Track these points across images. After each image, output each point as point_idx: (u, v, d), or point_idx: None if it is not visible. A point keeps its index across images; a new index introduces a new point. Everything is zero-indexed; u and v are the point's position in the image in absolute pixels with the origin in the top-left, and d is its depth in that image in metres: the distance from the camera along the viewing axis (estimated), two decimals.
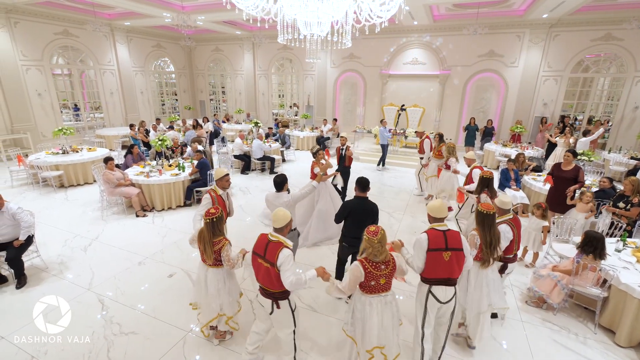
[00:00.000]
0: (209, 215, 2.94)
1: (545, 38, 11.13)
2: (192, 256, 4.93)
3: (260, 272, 2.70)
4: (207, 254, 3.00)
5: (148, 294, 4.03)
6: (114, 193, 6.11)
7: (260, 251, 2.68)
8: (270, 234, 2.71)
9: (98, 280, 4.27)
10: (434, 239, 2.69)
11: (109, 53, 13.19)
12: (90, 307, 3.77)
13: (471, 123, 11.46)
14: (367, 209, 3.62)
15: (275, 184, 3.85)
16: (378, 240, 2.50)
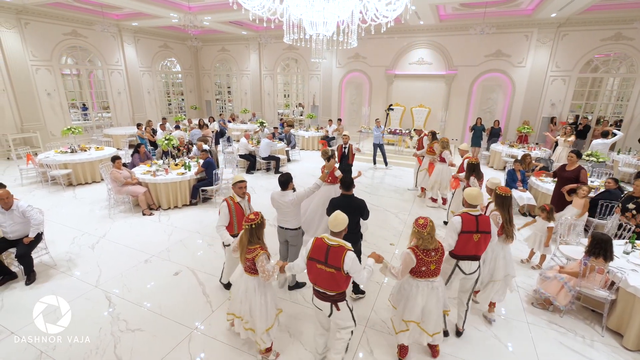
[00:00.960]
0: (248, 221, 2.83)
1: (553, 37, 11.00)
2: (198, 255, 4.97)
3: (321, 278, 2.67)
4: (241, 259, 2.92)
5: (154, 292, 4.07)
6: (121, 192, 6.18)
7: (320, 257, 2.63)
8: (328, 238, 2.67)
9: (105, 277, 4.32)
10: (467, 222, 3.09)
11: (117, 53, 13.34)
12: (98, 304, 3.82)
13: (477, 123, 11.37)
14: (353, 205, 3.69)
15: (280, 183, 3.86)
16: (427, 232, 2.77)
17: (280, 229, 3.95)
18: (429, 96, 12.97)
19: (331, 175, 5.37)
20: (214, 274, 4.45)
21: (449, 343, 3.38)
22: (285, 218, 3.86)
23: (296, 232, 3.91)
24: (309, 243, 2.76)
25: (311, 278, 2.76)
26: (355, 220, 3.72)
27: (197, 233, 5.66)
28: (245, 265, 2.90)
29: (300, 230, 3.96)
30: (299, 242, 4.00)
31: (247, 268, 2.90)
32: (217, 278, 4.37)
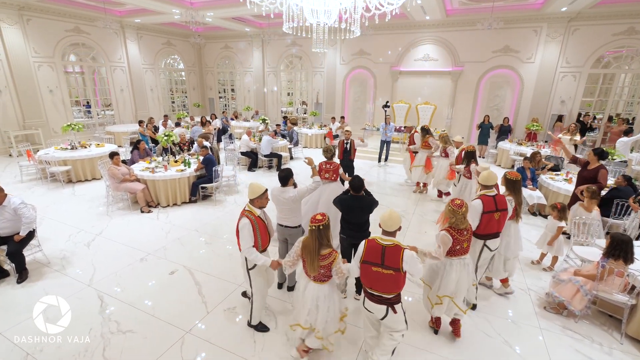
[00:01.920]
0: (315, 222, 2.59)
1: (563, 32, 10.69)
2: (195, 254, 4.82)
3: (378, 281, 2.53)
4: (311, 267, 2.64)
5: (148, 292, 3.92)
6: (119, 188, 6.05)
7: (375, 259, 2.51)
8: (381, 239, 2.55)
9: (99, 276, 4.19)
10: (487, 204, 3.39)
11: (120, 50, 13.26)
12: (90, 304, 3.68)
13: (485, 121, 11.11)
14: (364, 205, 3.60)
15: (280, 179, 3.68)
16: (462, 213, 2.94)
17: (280, 226, 3.78)
18: (435, 93, 12.72)
19: (335, 173, 5.20)
20: (210, 274, 4.30)
21: (457, 349, 3.18)
22: (285, 215, 3.69)
23: (296, 230, 3.73)
24: (361, 246, 2.61)
25: (366, 282, 2.60)
26: (366, 218, 3.63)
27: (196, 231, 5.51)
28: (318, 274, 2.65)
29: (301, 228, 3.79)
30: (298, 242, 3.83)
31: (319, 276, 2.66)
32: (214, 277, 4.22)
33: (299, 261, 2.82)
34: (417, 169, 7.55)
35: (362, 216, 3.59)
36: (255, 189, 3.09)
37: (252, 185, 3.12)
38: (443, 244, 2.98)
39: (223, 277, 4.23)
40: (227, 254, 4.82)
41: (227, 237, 5.33)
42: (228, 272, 4.34)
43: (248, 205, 3.12)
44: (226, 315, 3.56)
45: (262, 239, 3.07)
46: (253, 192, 3.08)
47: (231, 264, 4.56)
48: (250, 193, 3.08)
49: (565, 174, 6.74)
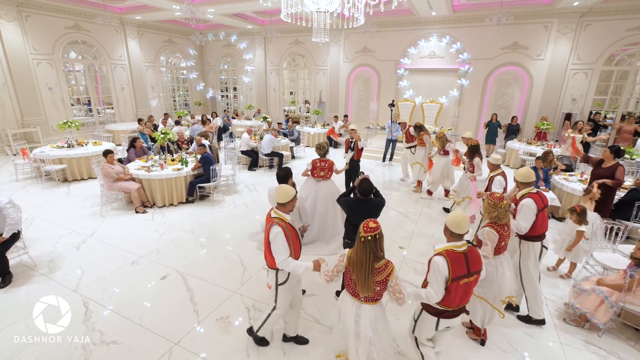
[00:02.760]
0: (369, 230, 2.19)
1: (575, 28, 10.32)
2: (189, 257, 4.57)
3: (467, 293, 2.32)
4: (365, 286, 2.20)
5: (137, 298, 3.68)
6: (113, 188, 5.83)
7: (462, 271, 2.24)
8: (455, 247, 2.29)
9: (86, 280, 3.95)
10: (539, 201, 3.25)
11: (120, 48, 13.09)
12: (74, 311, 3.44)
13: (492, 119, 10.79)
14: (374, 207, 3.34)
15: (279, 178, 3.43)
16: (504, 206, 2.83)
17: None
18: (441, 91, 12.38)
19: (330, 170, 4.96)
20: (204, 279, 4.05)
21: None
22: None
23: None
24: (441, 264, 2.22)
25: (452, 301, 2.28)
26: None
27: (191, 233, 5.27)
28: (373, 292, 2.24)
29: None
30: None
31: (374, 296, 2.26)
32: (208, 283, 3.97)
33: (337, 277, 2.44)
34: (415, 166, 7.45)
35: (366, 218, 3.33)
36: (286, 192, 2.67)
37: (281, 189, 2.71)
38: (490, 240, 2.83)
39: (217, 283, 3.98)
40: (222, 257, 4.57)
41: (224, 239, 5.08)
42: (222, 278, 4.09)
43: (275, 211, 2.69)
44: (218, 326, 3.31)
45: (294, 248, 2.67)
46: (284, 195, 2.65)
47: (226, 268, 4.31)
48: (281, 196, 2.65)
49: (580, 174, 6.41)
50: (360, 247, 2.20)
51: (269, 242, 2.60)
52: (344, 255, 2.35)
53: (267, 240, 2.63)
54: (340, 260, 2.35)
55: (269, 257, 2.67)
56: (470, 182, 5.59)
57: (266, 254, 2.71)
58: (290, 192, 2.70)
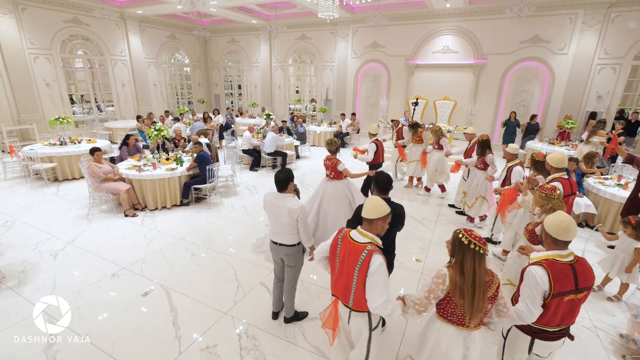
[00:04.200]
0: (475, 239, 1.76)
1: (602, 20, 9.57)
2: (176, 269, 4.04)
3: (573, 311, 1.95)
4: (477, 310, 1.78)
5: (112, 319, 3.16)
6: (100, 189, 5.35)
7: (568, 286, 1.86)
8: (560, 256, 1.91)
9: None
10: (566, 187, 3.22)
11: (121, 43, 12.69)
12: (36, 336, 2.93)
13: (511, 118, 10.10)
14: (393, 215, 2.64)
15: (278, 182, 2.85)
16: (558, 196, 2.61)
17: (274, 244, 2.95)
18: (455, 88, 11.70)
19: (333, 170, 4.42)
20: (191, 296, 3.51)
21: None
22: (280, 231, 2.87)
23: (294, 249, 2.91)
24: (540, 275, 1.85)
25: (548, 320, 1.92)
26: (394, 234, 2.75)
27: (182, 240, 4.74)
28: (483, 314, 1.83)
29: (301, 246, 2.96)
30: (298, 262, 3.00)
31: (482, 318, 1.85)
32: (195, 301, 3.43)
33: (430, 306, 1.93)
34: (412, 164, 7.19)
35: (390, 231, 2.55)
36: (377, 205, 2.00)
37: (373, 201, 2.02)
38: None
39: (206, 302, 3.43)
40: (215, 270, 4.03)
41: (218, 248, 4.54)
42: (213, 295, 3.55)
43: (361, 232, 2.03)
44: (203, 358, 2.76)
45: None
46: (375, 209, 1.99)
47: (218, 283, 3.77)
48: (371, 210, 1.99)
49: (617, 178, 5.72)
50: (473, 262, 1.74)
51: (365, 276, 1.92)
52: (443, 276, 1.83)
53: (360, 274, 1.94)
54: (439, 284, 1.83)
55: (361, 296, 1.96)
56: (486, 181, 5.14)
57: (358, 293, 1.97)
58: (384, 208, 2.01)
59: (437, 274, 1.86)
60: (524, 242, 2.86)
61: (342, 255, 2.04)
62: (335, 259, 2.10)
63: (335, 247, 2.11)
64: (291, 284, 3.03)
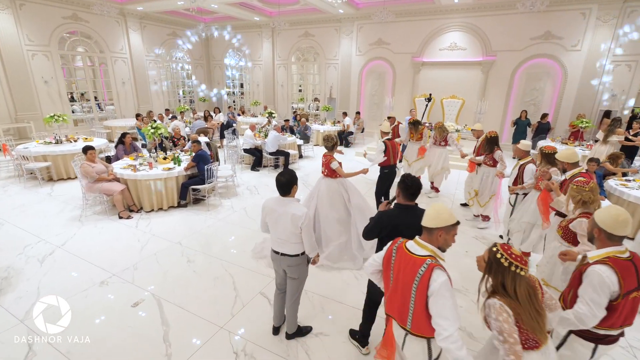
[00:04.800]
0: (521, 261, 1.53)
1: (617, 15, 9.21)
2: (170, 275, 3.76)
3: (625, 311, 1.79)
4: (543, 320, 1.60)
5: (96, 334, 2.89)
6: (93, 189, 5.09)
7: (632, 284, 1.72)
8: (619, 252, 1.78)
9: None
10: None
11: (121, 40, 12.46)
12: (12, 352, 2.66)
13: (522, 117, 9.77)
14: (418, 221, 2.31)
15: (280, 185, 2.54)
16: (589, 189, 2.50)
17: (275, 254, 2.67)
18: (462, 86, 11.35)
19: (327, 168, 4.15)
20: (185, 307, 3.23)
21: None
22: (282, 239, 2.58)
23: (298, 259, 2.61)
24: (608, 275, 1.70)
25: (613, 322, 1.78)
26: None
27: (179, 244, 4.47)
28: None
29: (305, 256, 2.66)
30: (302, 274, 2.71)
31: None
32: (189, 313, 3.15)
33: None
34: (416, 164, 6.95)
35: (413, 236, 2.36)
36: (440, 213, 1.71)
37: (435, 208, 1.74)
38: None
39: (201, 314, 3.15)
40: (211, 277, 3.75)
41: (216, 253, 4.26)
42: (208, 306, 3.27)
43: (420, 243, 1.75)
44: None
45: None
46: (437, 217, 1.70)
47: (215, 292, 3.49)
48: (432, 218, 1.71)
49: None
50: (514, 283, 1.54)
51: (425, 296, 1.64)
52: (501, 309, 1.54)
53: (422, 293, 1.65)
54: (507, 319, 1.53)
55: (421, 318, 1.68)
56: (496, 178, 5.04)
57: (418, 315, 1.69)
58: (447, 216, 1.70)
59: (496, 311, 1.55)
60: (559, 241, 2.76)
61: (397, 268, 1.79)
62: (389, 273, 1.84)
63: (389, 259, 1.85)
64: (294, 298, 2.74)
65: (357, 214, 4.19)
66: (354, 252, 4.07)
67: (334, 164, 4.11)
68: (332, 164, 4.11)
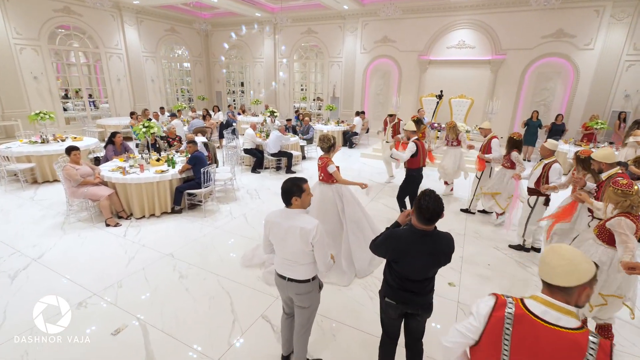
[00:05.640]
0: None
1: (632, 13, 8.83)
2: (159, 294, 3.31)
3: None
4: None
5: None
6: (77, 194, 4.62)
7: None
8: None
9: (3, 336, 2.72)
10: None
11: (117, 35, 11.98)
12: None
13: (533, 117, 9.39)
14: (440, 248, 1.95)
15: (284, 193, 2.12)
16: (635, 192, 2.44)
17: (281, 279, 2.22)
18: (471, 86, 10.93)
19: (323, 172, 3.75)
20: (174, 336, 2.78)
21: None
22: (289, 259, 2.14)
23: (308, 285, 2.17)
24: None
25: None
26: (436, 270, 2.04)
27: (171, 256, 4.01)
28: None
29: (317, 281, 2.22)
30: (314, 302, 2.26)
31: None
32: (180, 342, 2.70)
33: None
34: None
35: (430, 268, 1.99)
36: (578, 266, 1.17)
37: (567, 258, 1.18)
38: (629, 228, 2.39)
39: (192, 343, 2.70)
40: (207, 297, 3.30)
41: (212, 267, 3.81)
42: (202, 333, 2.82)
43: (557, 307, 1.17)
44: None
45: None
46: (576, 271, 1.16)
47: (210, 316, 3.04)
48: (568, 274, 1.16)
49: None
50: None
51: None
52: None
53: None
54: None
55: None
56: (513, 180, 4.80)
57: None
58: (587, 266, 1.16)
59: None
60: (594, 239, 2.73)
61: (526, 351, 1.17)
62: (500, 355, 1.21)
63: (498, 334, 1.21)
64: (304, 329, 2.30)
65: (351, 226, 3.79)
66: (344, 268, 3.65)
67: (331, 167, 3.69)
68: (329, 167, 3.69)
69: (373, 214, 4.74)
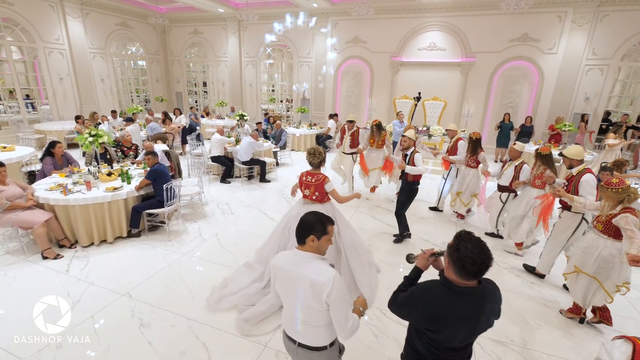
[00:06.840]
0: None
1: (591, 19, 9.24)
2: (111, 357, 2.59)
3: None
4: None
5: None
6: (3, 221, 3.69)
7: None
8: None
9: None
10: None
11: (57, 28, 10.56)
12: None
13: (505, 120, 9.53)
14: (483, 310, 1.45)
15: (303, 228, 1.59)
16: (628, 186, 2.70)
17: (290, 342, 1.69)
18: (443, 88, 10.95)
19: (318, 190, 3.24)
20: None
21: None
22: (297, 317, 1.60)
23: (324, 354, 1.64)
24: None
25: None
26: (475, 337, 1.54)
27: (127, 297, 3.26)
28: None
29: (336, 347, 1.70)
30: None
31: None
32: None
33: None
34: (374, 172, 6.38)
35: (477, 333, 1.51)
36: None
37: None
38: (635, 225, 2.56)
39: None
40: (174, 351, 2.64)
41: (182, 308, 3.13)
42: None
43: None
44: None
45: None
46: None
47: None
48: None
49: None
50: None
51: None
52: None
53: None
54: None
55: None
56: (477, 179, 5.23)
57: None
58: None
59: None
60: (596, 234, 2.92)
61: None
62: None
63: None
64: None
65: (349, 250, 3.25)
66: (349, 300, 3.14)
67: (329, 185, 3.16)
68: (327, 186, 3.14)
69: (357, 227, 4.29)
